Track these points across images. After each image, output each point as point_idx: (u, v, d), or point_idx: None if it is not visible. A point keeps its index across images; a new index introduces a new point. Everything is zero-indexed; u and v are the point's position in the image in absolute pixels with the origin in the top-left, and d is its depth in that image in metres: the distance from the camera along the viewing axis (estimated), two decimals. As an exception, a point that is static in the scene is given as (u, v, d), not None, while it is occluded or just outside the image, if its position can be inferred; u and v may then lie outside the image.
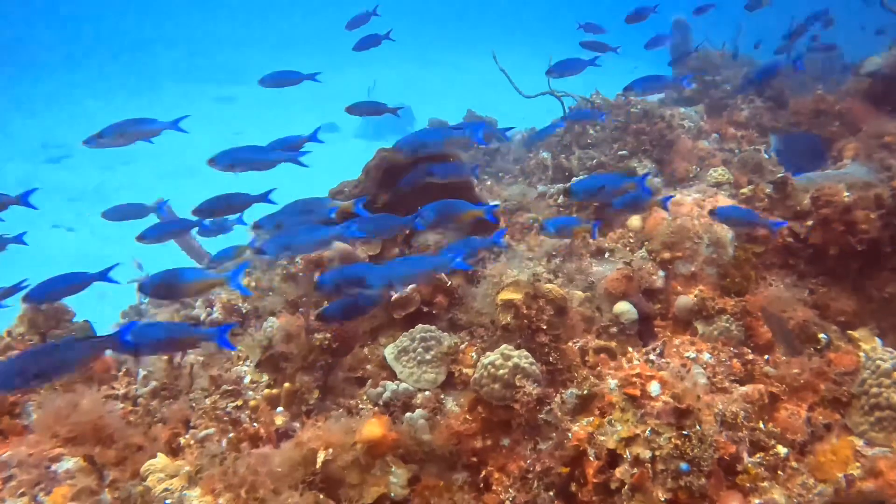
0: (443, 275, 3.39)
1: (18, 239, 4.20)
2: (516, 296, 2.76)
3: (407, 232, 3.71)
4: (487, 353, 2.67)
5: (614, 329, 3.69)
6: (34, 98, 19.96)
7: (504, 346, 2.66)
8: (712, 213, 3.59)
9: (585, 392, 2.53)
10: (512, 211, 5.43)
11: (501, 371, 2.56)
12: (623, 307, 3.74)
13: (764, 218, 3.69)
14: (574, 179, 5.12)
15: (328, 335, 2.93)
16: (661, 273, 4.07)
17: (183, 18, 29.42)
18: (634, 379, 2.38)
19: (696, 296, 3.49)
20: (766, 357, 3.30)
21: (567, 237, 4.12)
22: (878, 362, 2.93)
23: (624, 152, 5.92)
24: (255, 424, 2.72)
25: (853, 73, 7.01)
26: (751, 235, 4.09)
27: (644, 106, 6.18)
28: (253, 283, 4.08)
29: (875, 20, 9.51)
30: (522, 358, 2.60)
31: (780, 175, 4.31)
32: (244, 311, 3.94)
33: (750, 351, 3.27)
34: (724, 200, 4.23)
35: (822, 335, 3.62)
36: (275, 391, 2.90)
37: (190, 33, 27.65)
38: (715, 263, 4.02)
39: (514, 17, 31.65)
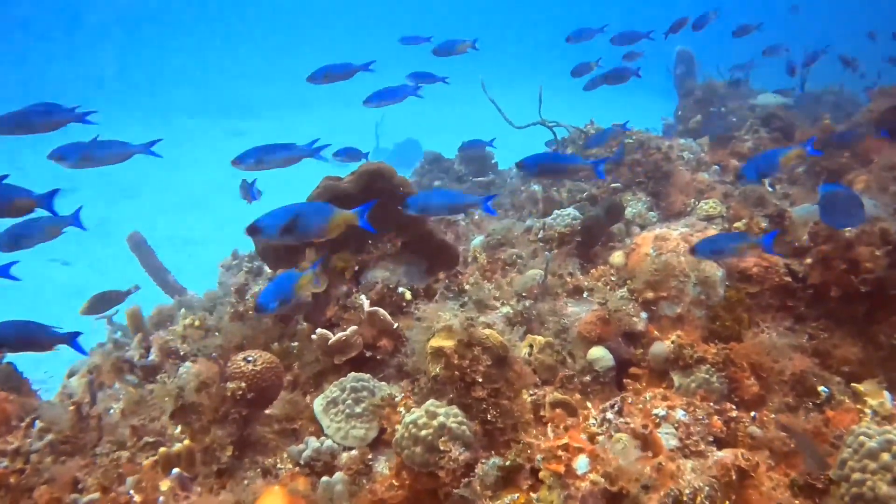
0: (387, 316, 3.03)
1: (4, 272, 3.80)
2: (447, 343, 2.39)
3: (356, 268, 3.36)
4: (413, 410, 2.29)
5: (587, 377, 3.31)
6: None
7: (430, 401, 2.28)
8: (692, 250, 3.21)
9: (509, 463, 2.14)
10: (494, 247, 5.07)
11: (424, 432, 2.18)
12: (597, 353, 3.36)
13: (751, 237, 3.28)
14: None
15: (242, 384, 2.57)
16: (643, 315, 3.69)
17: (197, 54, 29.73)
18: (560, 452, 1.97)
19: (672, 342, 3.08)
20: (752, 414, 2.88)
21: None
22: (862, 439, 2.22)
23: (617, 184, 5.56)
24: (131, 494, 2.35)
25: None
26: (744, 274, 3.70)
27: (640, 136, 5.84)
28: (196, 322, 3.73)
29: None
30: (450, 417, 2.21)
31: (776, 207, 3.91)
32: (182, 352, 3.60)
33: (734, 407, 2.85)
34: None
35: (822, 388, 3.20)
36: (174, 450, 2.54)
37: (203, 68, 27.89)
38: (703, 305, 3.63)
39: (526, 49, 31.62)
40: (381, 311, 3.04)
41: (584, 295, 3.90)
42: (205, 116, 22.39)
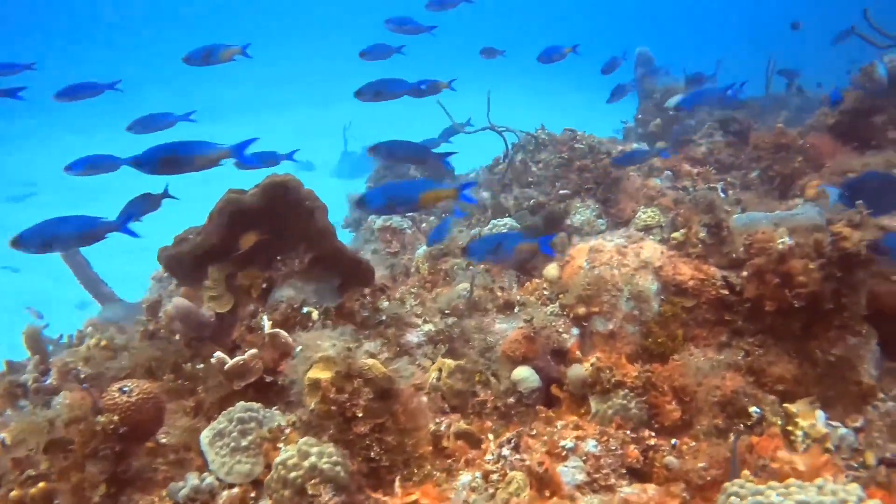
0: (289, 338, 2.84)
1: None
2: (324, 375, 2.20)
3: (264, 286, 3.16)
4: (287, 448, 2.10)
5: (511, 399, 3.14)
6: (11, 135, 19.66)
7: (304, 439, 2.09)
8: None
9: (374, 512, 1.96)
10: (437, 257, 4.88)
11: (294, 474, 1.99)
12: (522, 373, 3.19)
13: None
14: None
15: (115, 417, 2.37)
16: (574, 331, 3.52)
17: (165, 57, 29.36)
18: (410, 510, 1.79)
19: (592, 364, 2.90)
20: (672, 442, 2.71)
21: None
22: (733, 500, 1.89)
23: (566, 191, 5.39)
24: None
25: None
26: (680, 287, 3.54)
27: (590, 141, 5.67)
28: (103, 342, 3.51)
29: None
30: (323, 457, 2.02)
31: (713, 216, 3.75)
32: (83, 375, 3.38)
33: (653, 434, 2.68)
34: (650, 247, 3.67)
35: (753, 409, 3.04)
36: (31, 491, 2.33)
37: (172, 72, 27.53)
38: (637, 320, 3.47)
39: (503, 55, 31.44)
40: (283, 333, 2.85)
41: (516, 310, 3.73)
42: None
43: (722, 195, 5.49)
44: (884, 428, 3.12)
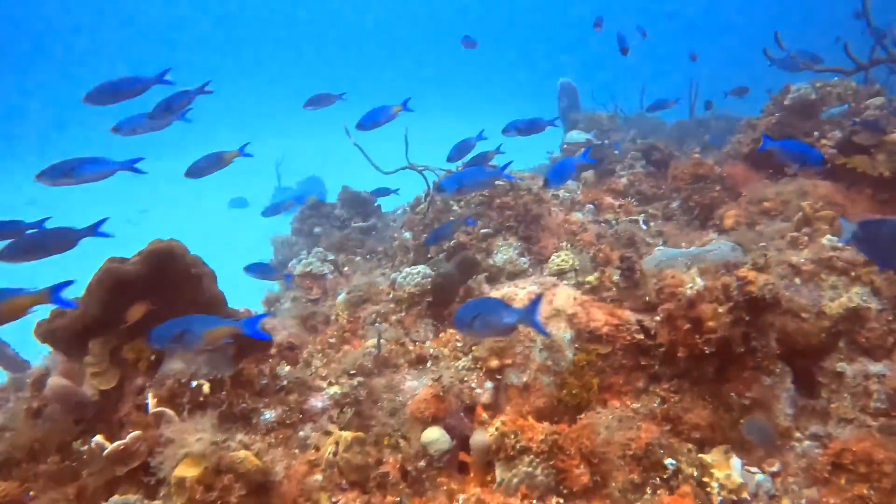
0: (175, 417, 2.64)
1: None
2: (191, 473, 2.03)
3: (152, 358, 2.96)
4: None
5: (422, 463, 2.99)
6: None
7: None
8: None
9: None
10: (356, 304, 4.72)
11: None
12: (432, 435, 3.05)
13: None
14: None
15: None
16: (488, 385, 3.40)
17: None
18: None
19: (496, 429, 2.78)
20: (583, 508, 2.60)
21: None
22: None
23: (487, 230, 5.29)
24: None
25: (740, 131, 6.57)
26: (594, 334, 3.45)
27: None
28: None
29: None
30: (185, 567, 1.86)
31: (627, 258, 3.69)
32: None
33: (561, 501, 2.56)
34: (563, 293, 3.59)
35: (668, 461, 2.95)
36: None
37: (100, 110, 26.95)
38: (551, 371, 3.37)
39: (437, 87, 31.63)
40: (169, 412, 2.65)
41: (428, 364, 3.59)
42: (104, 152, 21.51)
43: (643, 227, 5.49)
44: (799, 472, 3.08)
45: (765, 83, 6.81)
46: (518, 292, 3.60)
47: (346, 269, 5.92)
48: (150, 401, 2.71)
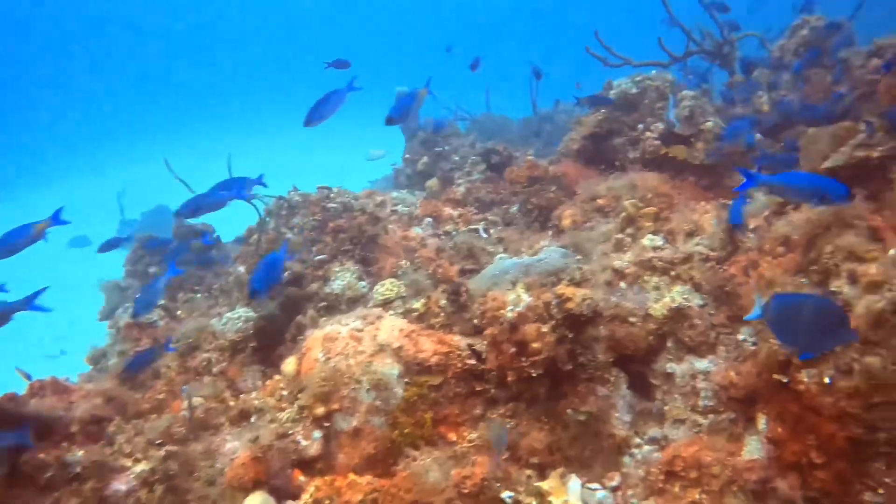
0: None
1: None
2: None
3: None
4: None
5: (244, 538, 2.70)
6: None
7: None
8: None
9: None
10: (184, 354, 4.34)
11: None
12: (254, 502, 2.76)
13: None
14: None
15: None
16: (316, 435, 3.15)
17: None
18: None
19: (310, 496, 2.54)
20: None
21: None
22: None
23: (323, 256, 5.02)
24: None
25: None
26: (423, 366, 3.26)
27: (344, 199, 5.37)
28: None
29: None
30: None
31: (455, 281, 3.53)
32: None
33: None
34: (388, 325, 3.38)
35: (505, 494, 2.81)
36: None
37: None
38: (382, 411, 3.16)
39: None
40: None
41: (253, 419, 3.30)
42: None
43: (484, 236, 5.39)
44: (638, 482, 3.02)
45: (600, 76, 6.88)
46: (341, 330, 3.36)
47: (179, 312, 5.49)
48: None
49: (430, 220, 5.58)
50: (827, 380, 2.61)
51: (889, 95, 3.90)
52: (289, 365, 3.43)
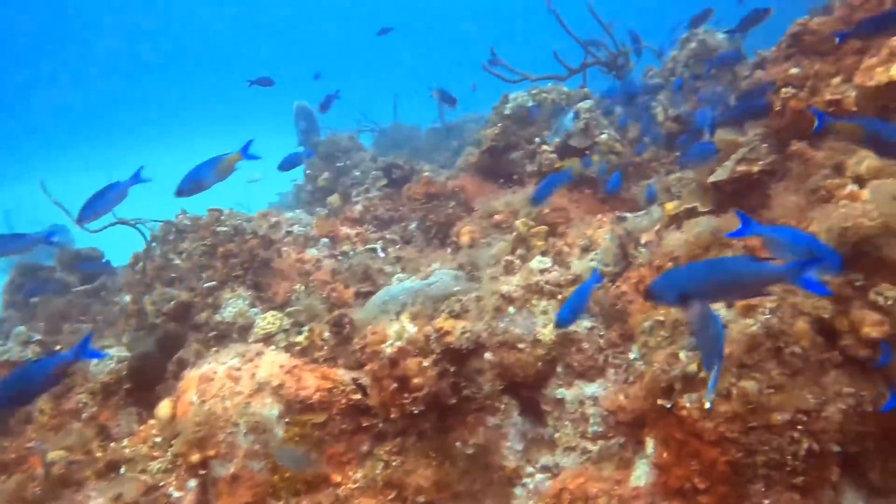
0: None
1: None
2: None
3: None
4: None
5: None
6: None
7: None
8: None
9: None
10: (58, 395, 4.05)
11: None
12: (116, 568, 2.55)
13: None
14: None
15: None
16: (191, 484, 2.96)
17: None
18: None
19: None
20: None
21: None
22: None
23: (212, 283, 4.80)
24: None
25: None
26: (306, 404, 3.11)
27: (235, 221, 5.14)
28: None
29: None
30: None
31: (338, 313, 3.39)
32: None
33: None
34: (268, 362, 3.21)
35: (389, 541, 2.68)
36: None
37: None
38: (261, 455, 2.99)
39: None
40: None
41: (122, 470, 3.08)
42: None
43: (381, 255, 5.27)
44: (529, 516, 2.95)
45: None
46: (218, 369, 3.18)
47: (58, 346, 5.15)
48: None
49: (326, 240, 5.41)
50: (707, 405, 2.60)
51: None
52: (163, 408, 3.22)
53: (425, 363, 2.86)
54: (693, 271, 1.97)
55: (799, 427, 2.48)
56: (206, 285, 4.79)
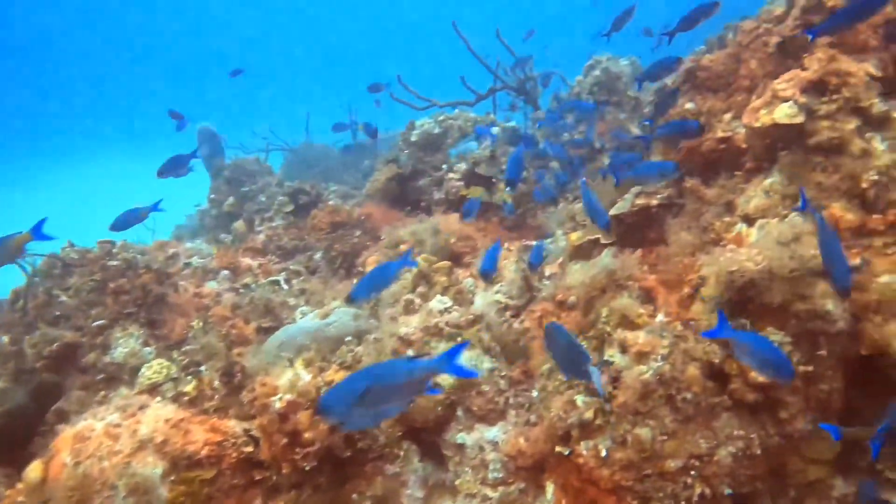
0: None
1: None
2: None
3: None
4: None
5: None
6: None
7: None
8: None
9: None
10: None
11: None
12: None
13: None
14: None
15: None
16: (62, 557, 2.72)
17: None
18: None
19: None
20: None
21: None
22: None
23: (102, 322, 4.52)
24: None
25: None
26: (193, 460, 2.93)
27: (128, 254, 4.87)
28: None
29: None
30: None
31: (228, 361, 3.22)
32: None
33: None
34: (151, 416, 3.01)
35: None
36: None
37: None
38: (143, 519, 2.78)
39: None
40: None
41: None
42: None
43: (285, 287, 5.10)
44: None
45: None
46: (96, 426, 2.96)
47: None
48: None
49: (226, 272, 5.20)
50: (603, 452, 2.57)
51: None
52: (33, 471, 2.97)
53: (317, 417, 2.74)
54: (356, 380, 1.94)
55: (692, 472, 2.48)
56: (95, 324, 4.50)
